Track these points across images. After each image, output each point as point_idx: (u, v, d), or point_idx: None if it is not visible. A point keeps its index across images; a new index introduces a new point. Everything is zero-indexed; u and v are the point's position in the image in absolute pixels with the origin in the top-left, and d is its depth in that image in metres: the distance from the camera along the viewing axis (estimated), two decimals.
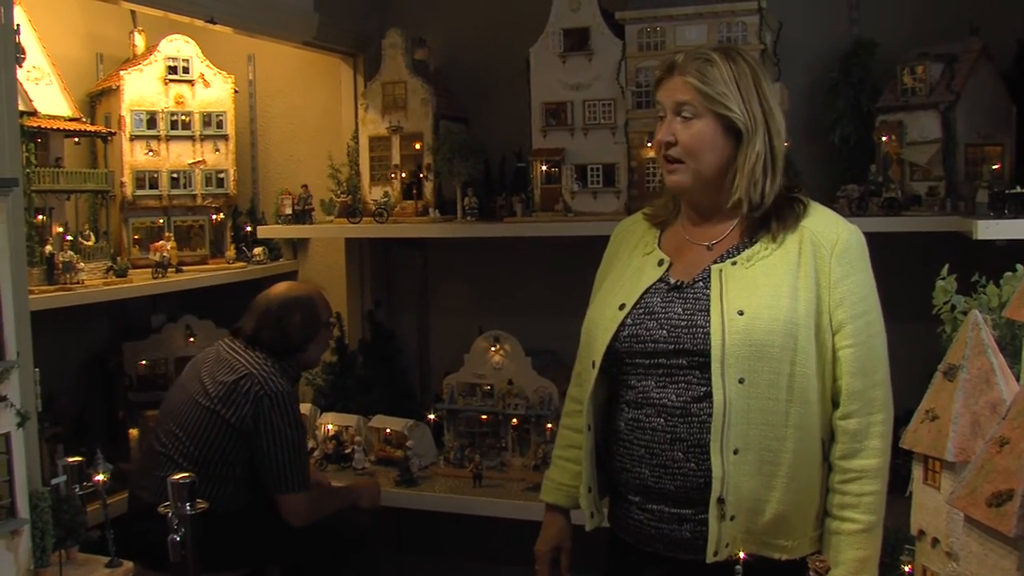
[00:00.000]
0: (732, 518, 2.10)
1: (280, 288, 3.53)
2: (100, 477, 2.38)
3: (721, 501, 2.10)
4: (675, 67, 2.24)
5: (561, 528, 2.56)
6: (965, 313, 2.32)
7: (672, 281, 2.26)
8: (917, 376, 2.33)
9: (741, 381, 2.09)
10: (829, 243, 2.18)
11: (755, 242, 2.23)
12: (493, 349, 3.76)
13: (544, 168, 3.66)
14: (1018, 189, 2.81)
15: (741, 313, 2.11)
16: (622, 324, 2.25)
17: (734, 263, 2.20)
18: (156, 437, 3.34)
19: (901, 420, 2.07)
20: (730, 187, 2.23)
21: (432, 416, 3.92)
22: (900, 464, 2.21)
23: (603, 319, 2.29)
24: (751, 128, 2.20)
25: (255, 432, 3.18)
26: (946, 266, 2.48)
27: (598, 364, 2.27)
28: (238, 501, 3.23)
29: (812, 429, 2.15)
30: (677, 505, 2.19)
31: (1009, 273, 2.38)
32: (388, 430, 3.93)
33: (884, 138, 3.36)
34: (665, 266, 2.29)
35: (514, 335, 3.75)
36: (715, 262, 2.23)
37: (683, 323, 2.18)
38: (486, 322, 3.92)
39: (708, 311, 2.15)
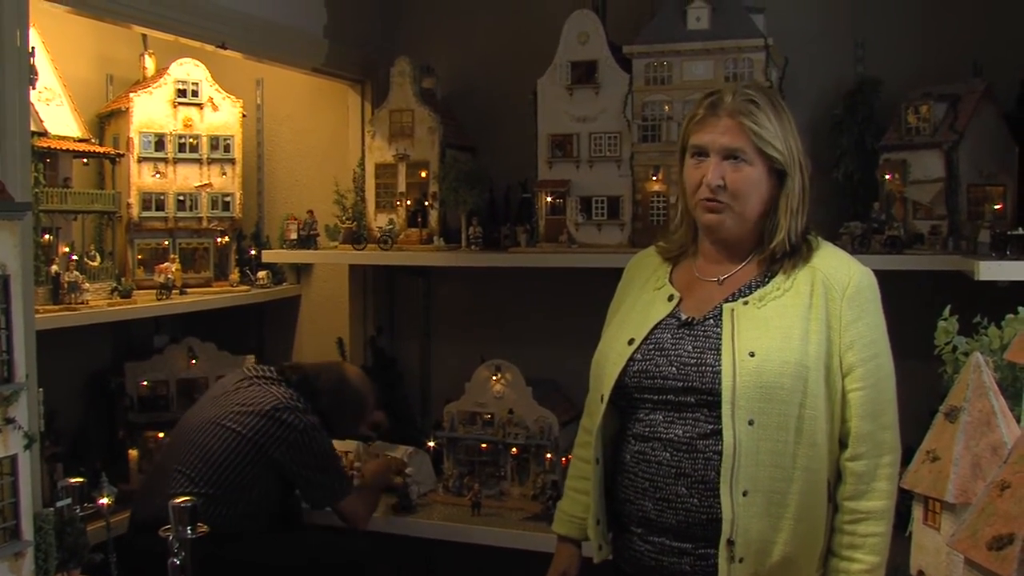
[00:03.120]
0: (741, 560, 2.11)
1: (356, 373, 3.77)
2: (104, 500, 2.38)
3: (731, 543, 2.10)
4: (722, 107, 2.21)
5: (570, 559, 2.57)
6: (967, 354, 2.33)
7: (683, 317, 2.26)
8: (918, 416, 2.35)
9: (751, 423, 2.09)
10: (841, 285, 2.18)
11: (767, 281, 2.23)
12: (494, 378, 3.76)
13: (549, 199, 3.67)
14: (1020, 231, 2.81)
15: (752, 354, 2.12)
16: (631, 359, 2.26)
17: (746, 303, 2.20)
18: (171, 455, 3.35)
19: (903, 459, 2.08)
20: (764, 227, 2.24)
21: (432, 443, 3.92)
22: (900, 503, 2.21)
23: (612, 353, 2.30)
24: (791, 168, 2.21)
25: (286, 460, 3.27)
26: (948, 307, 2.48)
27: (606, 398, 2.28)
28: (242, 524, 3.23)
29: (819, 471, 2.15)
30: (678, 539, 2.19)
31: (1011, 315, 2.39)
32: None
33: (887, 176, 3.37)
34: (675, 302, 2.29)
35: (516, 365, 3.75)
36: (727, 300, 2.23)
37: (693, 361, 2.19)
38: (488, 351, 3.92)
39: (718, 350, 2.16)
